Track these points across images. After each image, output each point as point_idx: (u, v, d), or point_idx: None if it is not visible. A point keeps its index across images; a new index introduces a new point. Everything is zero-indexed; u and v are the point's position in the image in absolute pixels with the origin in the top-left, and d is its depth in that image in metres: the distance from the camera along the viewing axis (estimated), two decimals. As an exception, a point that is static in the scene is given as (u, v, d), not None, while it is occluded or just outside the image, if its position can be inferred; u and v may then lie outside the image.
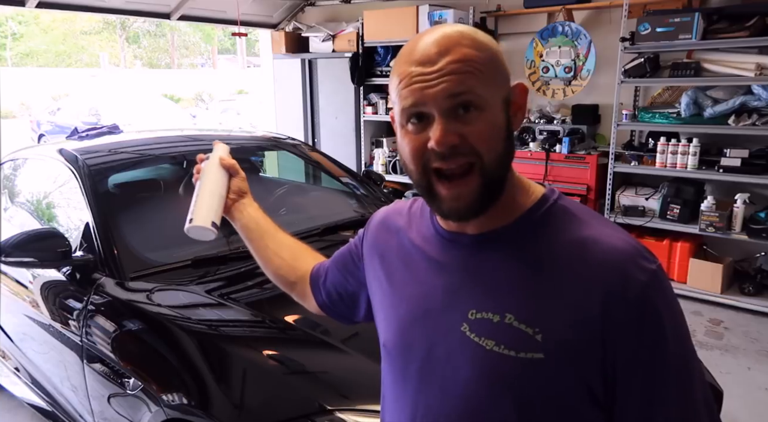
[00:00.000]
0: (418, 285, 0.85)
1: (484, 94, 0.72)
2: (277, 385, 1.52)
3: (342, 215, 2.59)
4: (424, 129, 0.73)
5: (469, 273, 0.79)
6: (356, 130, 5.68)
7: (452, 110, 0.71)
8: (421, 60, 0.72)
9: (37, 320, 2.26)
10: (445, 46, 0.72)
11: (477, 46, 0.73)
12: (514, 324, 0.73)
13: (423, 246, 0.87)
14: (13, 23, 26.85)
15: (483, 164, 0.72)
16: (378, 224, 0.99)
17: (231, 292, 1.93)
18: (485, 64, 0.72)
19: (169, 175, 2.65)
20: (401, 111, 0.75)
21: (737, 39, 3.53)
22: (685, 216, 3.93)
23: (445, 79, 0.70)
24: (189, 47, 32.12)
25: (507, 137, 0.75)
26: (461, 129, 0.71)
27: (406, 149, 0.76)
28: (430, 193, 0.76)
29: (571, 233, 0.76)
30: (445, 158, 0.72)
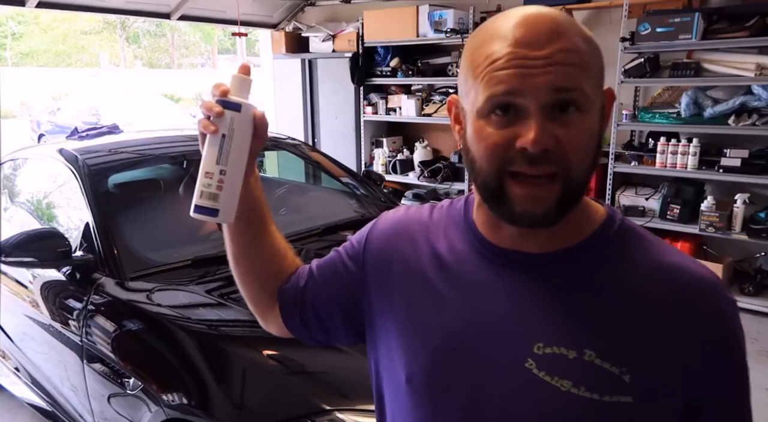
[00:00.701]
0: (455, 311, 0.71)
1: (589, 93, 0.62)
2: (277, 385, 1.52)
3: (342, 215, 2.59)
4: (511, 124, 0.61)
5: (530, 299, 0.67)
6: (356, 130, 5.68)
7: (551, 107, 0.60)
8: (524, 40, 0.60)
9: (37, 320, 2.26)
10: (554, 29, 0.60)
11: (586, 37, 0.63)
12: (596, 362, 0.63)
13: (459, 264, 0.73)
14: (13, 23, 26.84)
15: (569, 175, 0.62)
16: (387, 232, 0.82)
17: (231, 292, 1.92)
18: (595, 60, 0.63)
19: (169, 175, 2.65)
20: (487, 97, 0.61)
21: (737, 39, 3.53)
22: (685, 216, 3.93)
23: (552, 70, 0.59)
24: (189, 47, 32.11)
25: (598, 146, 0.65)
26: (557, 131, 0.60)
27: (482, 144, 0.63)
28: (498, 194, 0.64)
29: (650, 259, 0.67)
30: (533, 162, 0.60)
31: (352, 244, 0.86)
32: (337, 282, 0.85)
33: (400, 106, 5.22)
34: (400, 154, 5.47)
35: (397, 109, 5.26)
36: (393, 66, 5.15)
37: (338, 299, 0.84)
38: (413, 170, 5.29)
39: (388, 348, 0.77)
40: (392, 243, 0.80)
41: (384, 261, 0.80)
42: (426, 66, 4.97)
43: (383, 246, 0.81)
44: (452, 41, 4.65)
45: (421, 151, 5.27)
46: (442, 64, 4.92)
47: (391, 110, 5.34)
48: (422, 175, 5.08)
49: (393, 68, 5.16)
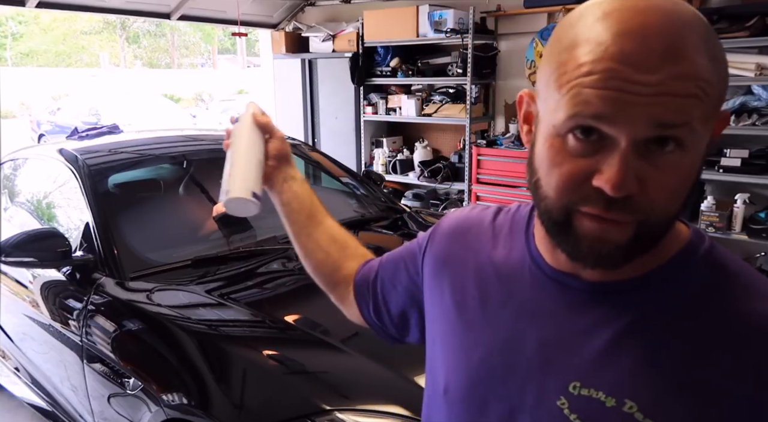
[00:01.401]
0: (497, 328, 0.65)
1: (699, 130, 0.49)
2: (277, 385, 1.51)
3: (342, 215, 2.59)
4: (592, 153, 0.50)
5: (575, 331, 0.59)
6: (356, 130, 5.68)
7: (646, 143, 0.49)
8: (630, 57, 0.47)
9: (37, 320, 2.26)
10: (671, 44, 0.47)
11: (712, 54, 0.49)
12: (637, 417, 0.54)
13: (512, 277, 0.66)
14: (13, 23, 26.84)
15: (648, 221, 0.52)
16: (450, 233, 0.76)
17: (231, 292, 1.93)
18: (716, 85, 0.49)
19: (169, 175, 2.65)
20: (569, 116, 0.50)
21: (737, 39, 3.53)
22: (684, 216, 3.92)
23: (660, 100, 0.47)
24: (189, 47, 32.13)
25: (691, 190, 0.53)
26: (646, 172, 0.49)
27: (554, 171, 0.53)
28: (564, 228, 0.55)
29: (738, 305, 0.55)
30: (609, 207, 0.50)
31: (417, 242, 0.82)
32: (400, 280, 0.83)
33: (400, 106, 5.21)
34: (400, 154, 5.47)
35: (397, 109, 5.26)
36: (393, 66, 5.15)
37: (402, 297, 0.83)
38: (413, 170, 5.29)
39: (432, 354, 0.74)
40: (454, 247, 0.74)
41: (440, 263, 0.75)
42: (426, 66, 4.97)
43: (441, 248, 0.76)
44: (452, 41, 4.65)
45: (421, 151, 5.27)
46: (442, 64, 4.92)
47: (391, 110, 5.33)
48: (422, 175, 5.08)
49: (393, 68, 5.16)
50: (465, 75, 4.61)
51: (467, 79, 4.59)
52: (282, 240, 2.26)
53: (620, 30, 0.48)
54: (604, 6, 0.50)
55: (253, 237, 2.29)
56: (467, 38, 4.53)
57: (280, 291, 2.03)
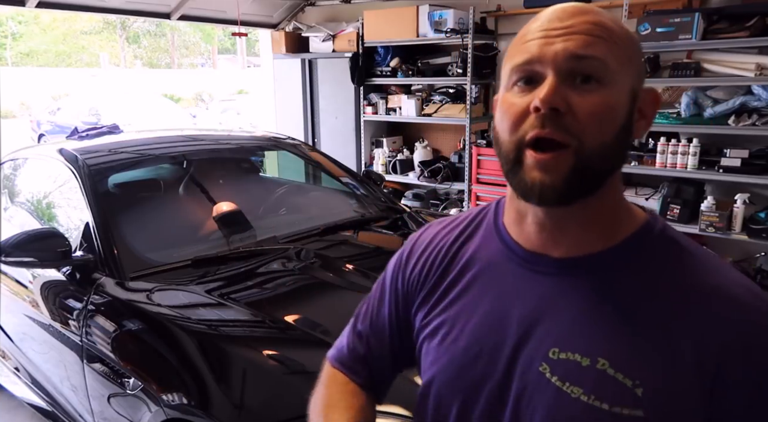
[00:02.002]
0: (482, 313, 0.72)
1: (611, 65, 0.60)
2: (277, 385, 1.51)
3: (342, 215, 2.59)
4: (531, 91, 0.62)
5: (552, 304, 0.67)
6: (356, 130, 5.68)
7: (569, 74, 0.60)
8: (551, 17, 0.63)
9: (37, 320, 2.26)
10: (583, 9, 0.63)
11: (617, 22, 0.63)
12: (609, 372, 0.62)
13: (490, 269, 0.73)
14: (13, 23, 26.84)
15: (582, 148, 0.60)
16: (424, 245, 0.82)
17: (231, 292, 1.93)
18: (623, 40, 0.62)
19: (169, 175, 2.65)
20: (510, 70, 0.64)
21: (737, 39, 3.53)
22: (685, 216, 3.93)
23: (571, 37, 0.60)
24: (189, 47, 32.12)
25: (621, 131, 0.62)
26: (573, 98, 0.60)
27: (505, 115, 0.64)
28: (515, 165, 0.64)
29: (687, 274, 0.64)
30: (543, 124, 0.60)
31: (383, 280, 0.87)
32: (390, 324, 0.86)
33: (400, 106, 5.21)
34: (400, 154, 5.47)
35: (397, 109, 5.26)
36: (393, 66, 5.15)
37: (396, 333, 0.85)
38: (413, 170, 5.29)
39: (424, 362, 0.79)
40: (425, 255, 0.81)
41: (417, 280, 0.81)
42: (426, 66, 4.97)
43: (418, 260, 0.82)
44: (452, 41, 4.65)
45: (421, 151, 5.27)
46: (442, 64, 4.92)
47: (391, 110, 5.33)
48: (422, 175, 5.08)
49: (393, 68, 5.15)
50: (465, 75, 4.61)
51: (467, 79, 4.59)
52: (282, 240, 2.26)
53: (548, 9, 0.65)
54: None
55: (253, 237, 2.29)
56: (467, 38, 4.53)
57: (280, 291, 2.03)
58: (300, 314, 1.83)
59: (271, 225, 2.47)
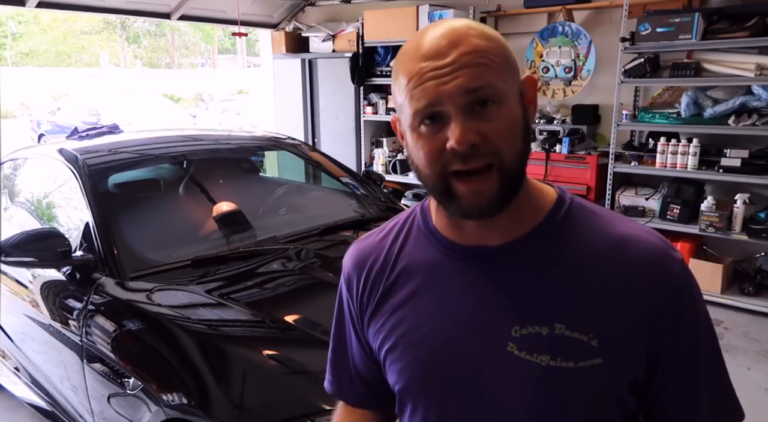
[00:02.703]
0: (436, 314, 0.76)
1: (500, 86, 0.67)
2: (277, 385, 1.52)
3: (342, 215, 2.59)
4: (440, 130, 0.67)
5: (500, 288, 0.73)
6: (356, 130, 5.68)
7: (469, 107, 0.66)
8: (429, 54, 0.66)
9: (37, 320, 2.26)
10: (454, 37, 0.66)
11: (486, 36, 0.68)
12: (566, 334, 0.69)
13: (431, 270, 0.78)
14: (13, 23, 26.84)
15: (503, 164, 0.67)
16: (355, 266, 0.85)
17: (231, 292, 1.93)
18: (498, 55, 0.68)
19: (169, 175, 2.65)
20: (414, 113, 0.68)
21: (737, 39, 3.53)
22: (685, 216, 3.93)
23: (459, 74, 0.65)
24: (189, 47, 32.12)
25: (524, 132, 0.70)
26: (480, 127, 0.66)
27: (420, 153, 0.69)
28: (447, 194, 0.70)
29: (601, 232, 0.73)
30: (465, 159, 0.66)
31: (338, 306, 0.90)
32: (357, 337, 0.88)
33: (400, 106, 5.21)
34: (400, 154, 5.47)
35: (397, 109, 5.26)
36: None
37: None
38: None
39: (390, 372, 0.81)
40: (362, 273, 0.84)
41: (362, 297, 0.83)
42: (426, 66, 4.97)
43: (357, 280, 0.84)
44: (452, 41, 4.65)
45: (421, 151, 5.27)
46: (442, 64, 4.92)
47: (391, 110, 5.33)
48: (422, 175, 5.07)
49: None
50: (465, 75, 4.60)
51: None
52: (282, 240, 2.26)
53: (419, 42, 0.68)
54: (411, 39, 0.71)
55: (253, 237, 2.29)
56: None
57: (280, 291, 2.02)
58: (300, 314, 1.83)
59: (271, 225, 2.46)
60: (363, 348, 0.88)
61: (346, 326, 0.90)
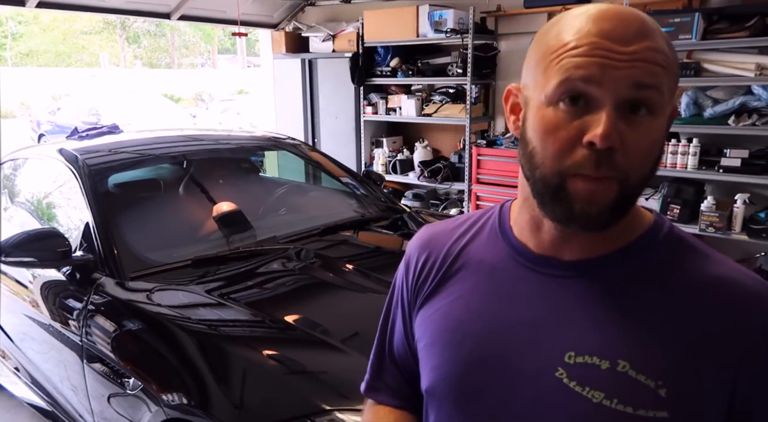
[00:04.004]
0: (488, 317, 0.69)
1: (665, 97, 0.59)
2: (277, 385, 1.52)
3: (342, 215, 2.59)
4: (580, 116, 0.58)
5: (564, 307, 0.65)
6: (356, 130, 5.68)
7: (623, 105, 0.57)
8: (612, 35, 0.57)
9: (37, 320, 2.26)
10: (643, 29, 0.58)
11: (670, 44, 0.61)
12: (630, 374, 0.60)
13: (494, 272, 0.71)
14: (13, 23, 26.83)
15: (628, 178, 0.59)
16: (419, 251, 0.80)
17: (231, 292, 1.93)
18: (675, 66, 0.61)
19: (169, 175, 2.65)
20: (561, 81, 0.58)
21: (737, 39, 3.53)
22: (685, 216, 3.93)
23: (636, 65, 0.56)
24: (189, 47, 32.12)
25: (657, 158, 0.62)
26: (625, 132, 0.57)
27: (549, 139, 0.60)
28: (557, 191, 0.61)
29: (695, 268, 0.64)
30: (599, 164, 0.57)
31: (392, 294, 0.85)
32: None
33: (400, 106, 5.21)
34: (400, 154, 5.47)
35: (397, 109, 5.26)
36: (393, 66, 5.15)
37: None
38: (413, 170, 5.28)
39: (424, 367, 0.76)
40: (424, 256, 0.79)
41: (422, 276, 0.78)
42: (426, 66, 4.97)
43: (417, 262, 0.79)
44: (452, 41, 4.64)
45: (421, 151, 5.27)
46: (442, 64, 4.91)
47: (391, 110, 5.33)
48: (422, 175, 5.08)
49: (393, 68, 5.15)
50: (465, 75, 4.61)
51: (467, 79, 4.59)
52: (282, 240, 2.26)
53: (599, 16, 0.58)
54: (578, 10, 0.61)
55: (253, 237, 2.29)
56: (467, 38, 4.53)
57: (280, 291, 2.03)
58: (300, 314, 1.83)
59: (271, 225, 2.47)
60: (407, 337, 0.82)
61: (392, 313, 0.85)
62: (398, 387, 0.86)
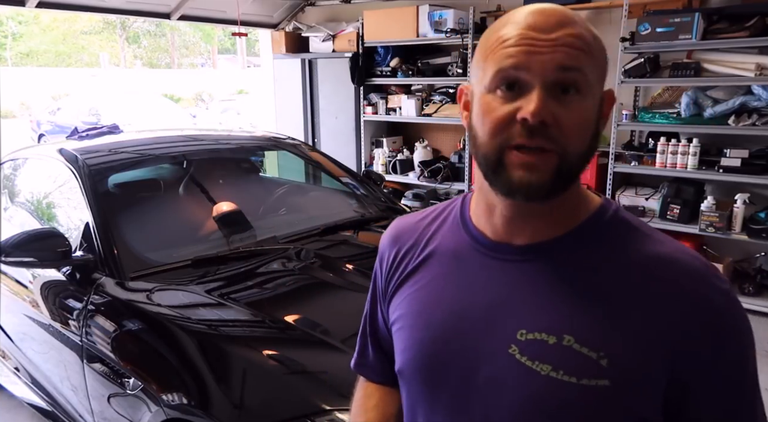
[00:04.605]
0: (449, 302, 0.75)
1: (590, 78, 0.65)
2: (277, 385, 1.52)
3: (342, 215, 2.59)
4: (515, 99, 0.64)
5: (517, 289, 0.71)
6: (356, 130, 5.68)
7: (554, 86, 0.63)
8: (535, 26, 0.64)
9: (37, 320, 2.26)
10: (564, 19, 0.65)
11: (592, 32, 0.67)
12: (575, 347, 0.66)
13: (456, 259, 0.77)
14: (13, 23, 26.84)
15: (566, 151, 0.65)
16: (388, 243, 0.87)
17: (231, 292, 1.93)
18: (598, 51, 0.67)
19: (169, 175, 2.65)
20: (495, 72, 0.65)
21: (737, 39, 3.53)
22: (685, 216, 3.93)
23: (558, 50, 0.63)
24: (189, 47, 32.11)
25: (593, 137, 0.68)
26: (557, 109, 0.63)
27: (487, 118, 0.66)
28: (497, 165, 0.66)
29: (638, 249, 0.69)
30: (531, 134, 0.63)
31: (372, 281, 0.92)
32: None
33: (400, 106, 5.22)
34: (400, 154, 5.47)
35: (397, 109, 5.26)
36: (393, 66, 5.15)
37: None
38: (413, 170, 5.29)
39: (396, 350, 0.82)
40: (394, 249, 0.85)
41: (393, 268, 0.84)
42: (426, 66, 4.97)
43: (389, 254, 0.86)
44: (452, 41, 4.65)
45: (421, 151, 5.27)
46: (442, 64, 4.92)
47: (391, 110, 5.34)
48: (422, 175, 5.08)
49: (393, 68, 5.16)
50: (465, 75, 4.61)
51: (467, 79, 4.59)
52: (282, 240, 2.26)
53: (525, 12, 0.66)
54: (514, 10, 0.68)
55: (253, 237, 2.29)
56: (467, 38, 4.53)
57: (280, 291, 2.03)
58: (300, 314, 1.83)
59: (271, 225, 2.47)
60: (385, 323, 0.89)
61: (376, 301, 0.91)
62: (381, 367, 0.93)
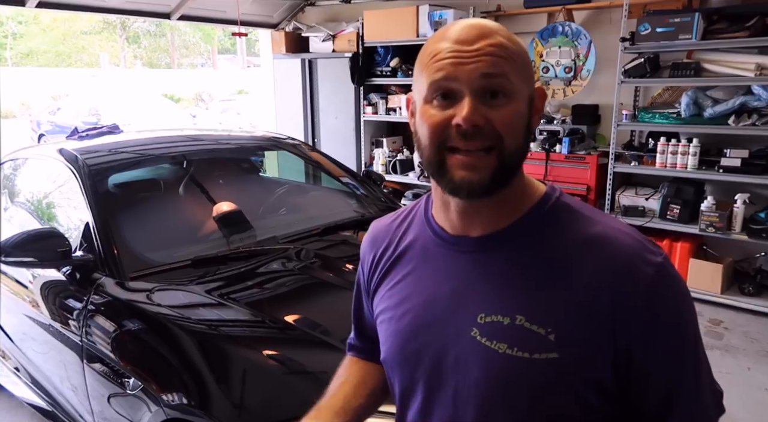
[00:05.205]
0: (421, 294, 0.83)
1: (514, 81, 0.72)
2: (277, 385, 1.52)
3: (342, 215, 2.59)
4: (449, 106, 0.72)
5: (476, 277, 0.78)
6: (356, 130, 5.68)
7: (482, 92, 0.71)
8: (458, 39, 0.72)
9: (37, 320, 2.26)
10: (484, 31, 0.72)
11: (511, 39, 0.74)
12: (526, 326, 0.73)
13: (424, 254, 0.85)
14: (13, 23, 26.84)
15: (503, 148, 0.71)
16: (368, 243, 0.96)
17: (231, 292, 1.93)
18: (518, 57, 0.73)
19: (169, 175, 2.65)
20: (429, 84, 0.73)
21: (737, 39, 3.53)
22: (685, 216, 3.93)
23: (481, 59, 0.70)
24: (189, 47, 32.11)
25: (526, 132, 0.75)
26: (488, 113, 0.70)
27: (426, 124, 0.74)
28: (441, 168, 0.74)
29: (576, 231, 0.76)
30: (466, 137, 0.70)
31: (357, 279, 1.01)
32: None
33: (400, 106, 5.22)
34: (400, 154, 5.47)
35: (397, 109, 5.26)
36: (393, 66, 5.15)
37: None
38: (413, 170, 5.29)
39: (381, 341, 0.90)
40: (372, 251, 0.94)
41: (373, 267, 0.93)
42: (426, 66, 4.97)
43: (368, 256, 0.95)
44: (452, 41, 4.65)
45: (421, 151, 5.27)
46: (442, 64, 4.91)
47: (391, 110, 5.33)
48: (422, 175, 5.08)
49: (393, 68, 5.16)
50: (465, 75, 4.60)
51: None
52: (282, 240, 2.26)
53: (451, 28, 0.74)
54: (447, 26, 0.77)
55: (253, 237, 2.29)
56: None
57: (280, 291, 2.03)
58: (300, 314, 1.83)
59: (271, 225, 2.47)
60: (373, 317, 0.96)
61: (361, 299, 1.02)
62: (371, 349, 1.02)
